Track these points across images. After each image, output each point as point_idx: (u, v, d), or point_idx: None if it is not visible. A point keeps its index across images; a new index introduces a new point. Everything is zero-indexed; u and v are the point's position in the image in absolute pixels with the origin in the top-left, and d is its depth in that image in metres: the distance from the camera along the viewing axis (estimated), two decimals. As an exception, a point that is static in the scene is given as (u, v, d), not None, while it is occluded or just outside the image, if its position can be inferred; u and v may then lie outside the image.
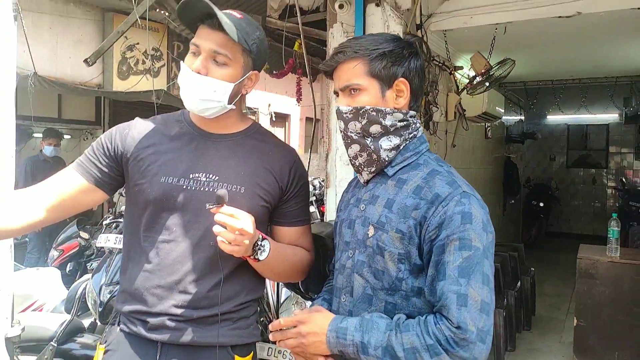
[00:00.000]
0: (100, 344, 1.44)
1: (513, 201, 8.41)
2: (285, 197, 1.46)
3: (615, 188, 9.76)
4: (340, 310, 1.33)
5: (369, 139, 1.29)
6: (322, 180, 6.70)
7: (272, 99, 10.09)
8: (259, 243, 1.31)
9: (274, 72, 4.51)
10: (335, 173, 3.46)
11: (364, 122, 1.28)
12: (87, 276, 3.05)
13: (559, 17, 3.31)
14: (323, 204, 4.67)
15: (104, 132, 6.97)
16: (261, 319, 2.39)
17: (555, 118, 10.01)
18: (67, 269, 4.41)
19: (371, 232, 1.26)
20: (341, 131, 1.33)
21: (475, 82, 4.54)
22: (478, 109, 5.09)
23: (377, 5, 3.36)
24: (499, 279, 4.32)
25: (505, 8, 3.47)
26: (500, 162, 7.84)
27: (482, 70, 4.40)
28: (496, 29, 3.93)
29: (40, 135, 6.10)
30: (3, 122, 1.65)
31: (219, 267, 1.36)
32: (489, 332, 1.11)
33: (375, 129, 1.28)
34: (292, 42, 4.27)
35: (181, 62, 1.40)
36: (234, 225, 1.20)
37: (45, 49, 6.01)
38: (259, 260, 1.32)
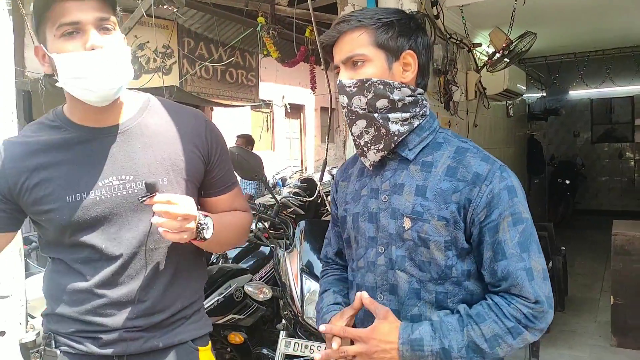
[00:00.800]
0: None
1: (538, 180, 8.22)
2: (209, 167, 1.35)
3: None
4: None
5: (376, 114, 1.19)
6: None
7: (285, 91, 10.01)
8: (201, 222, 1.20)
9: (286, 61, 4.41)
10: (354, 160, 3.35)
11: (369, 96, 1.18)
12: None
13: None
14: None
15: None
16: (285, 313, 2.32)
17: (578, 93, 9.74)
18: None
19: (408, 224, 1.17)
20: (344, 107, 1.23)
21: (495, 59, 4.39)
22: (499, 86, 4.95)
23: (390, -18, 3.24)
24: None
25: (525, -22, 3.31)
26: (523, 141, 7.64)
27: (503, 46, 4.23)
28: (515, 1, 3.76)
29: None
30: (3, 122, 1.58)
31: (163, 269, 1.29)
32: (551, 296, 1.13)
33: (382, 103, 1.18)
34: (302, 30, 4.18)
35: (53, 54, 1.14)
36: (175, 211, 1.11)
37: (56, 51, 6.00)
38: (205, 239, 1.21)
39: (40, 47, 1.17)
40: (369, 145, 1.21)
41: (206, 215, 1.23)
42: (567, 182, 8.93)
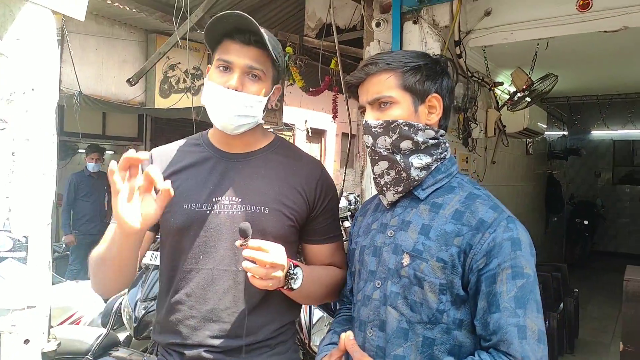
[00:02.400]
0: None
1: (556, 219, 8.15)
2: (313, 213, 1.40)
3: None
4: (367, 345, 1.23)
5: (399, 155, 1.21)
6: (358, 196, 6.66)
7: (308, 115, 10.16)
8: (291, 272, 1.23)
9: (310, 89, 4.53)
10: (370, 189, 3.43)
11: (394, 137, 1.20)
12: (124, 291, 3.11)
13: (605, 31, 3.20)
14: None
15: (145, 147, 7.18)
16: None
17: (600, 133, 9.69)
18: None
19: (406, 260, 1.17)
20: (368, 147, 1.26)
21: (516, 98, 4.44)
22: (519, 125, 4.98)
23: (415, 22, 3.35)
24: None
25: (547, 23, 3.38)
26: (542, 179, 7.62)
27: (524, 86, 4.30)
28: (538, 44, 3.84)
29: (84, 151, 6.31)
30: (44, 145, 1.70)
31: (250, 293, 1.31)
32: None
33: (406, 144, 1.20)
34: (328, 61, 4.30)
35: (206, 79, 1.36)
36: (263, 259, 1.13)
37: (92, 68, 6.24)
38: (292, 289, 1.24)
39: (208, 68, 1.37)
40: (388, 186, 1.24)
41: (297, 266, 1.25)
42: (586, 222, 8.82)
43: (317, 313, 2.19)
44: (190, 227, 1.32)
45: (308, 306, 2.23)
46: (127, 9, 4.55)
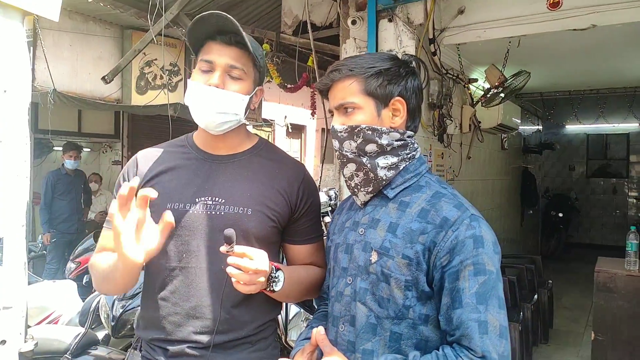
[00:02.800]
0: None
1: (531, 212, 8.31)
2: (295, 215, 1.43)
3: (636, 198, 9.58)
4: (338, 340, 1.26)
5: (365, 158, 1.24)
6: (337, 191, 6.71)
7: (287, 111, 10.16)
8: (273, 275, 1.26)
9: (287, 86, 4.55)
10: (348, 187, 3.47)
11: (359, 140, 1.23)
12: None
13: (574, 30, 3.28)
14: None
15: (122, 144, 7.07)
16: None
17: (574, 128, 9.90)
18: (84, 281, 4.46)
19: (374, 257, 1.20)
20: (336, 150, 1.29)
21: (490, 95, 4.52)
22: (494, 120, 5.06)
23: (390, 20, 3.39)
24: (515, 292, 4.27)
25: (519, 22, 3.45)
26: (517, 173, 7.76)
27: (497, 83, 4.38)
28: (510, 42, 3.92)
29: (61, 148, 6.23)
30: (17, 147, 1.69)
31: (232, 291, 1.31)
32: (508, 356, 1.09)
33: (371, 147, 1.23)
34: (305, 57, 4.32)
35: (189, 80, 1.39)
36: (248, 266, 1.16)
37: (66, 65, 6.15)
38: (274, 291, 1.28)
39: (191, 72, 1.41)
40: (359, 187, 1.27)
41: (278, 269, 1.29)
42: (561, 215, 9.02)
43: (294, 309, 2.23)
44: (175, 227, 1.31)
45: (284, 302, 2.26)
46: (102, 5, 4.50)
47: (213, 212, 1.35)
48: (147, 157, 1.46)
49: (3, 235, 1.68)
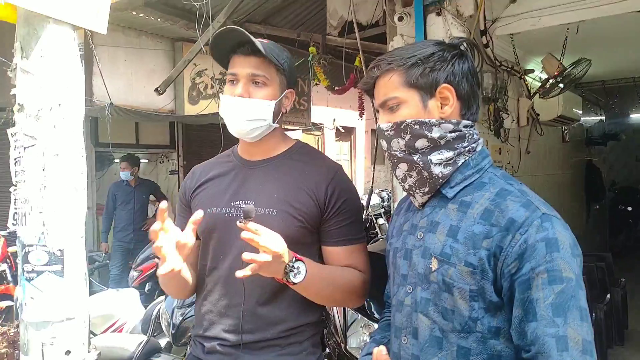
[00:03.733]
0: None
1: (598, 207, 7.89)
2: (325, 215, 1.42)
3: None
4: (402, 353, 1.18)
5: (417, 155, 1.15)
6: (390, 192, 6.62)
7: (336, 114, 10.13)
8: (291, 264, 1.25)
9: (335, 88, 4.51)
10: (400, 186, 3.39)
11: (407, 137, 1.14)
12: (163, 297, 3.15)
13: (638, 11, 3.07)
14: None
15: (177, 154, 7.25)
16: (329, 342, 2.36)
17: (639, 116, 9.34)
18: (146, 289, 4.58)
19: (434, 265, 1.11)
20: (385, 151, 1.22)
21: (548, 85, 4.32)
22: (553, 112, 4.83)
23: (438, 14, 3.29)
24: (586, 292, 4.03)
25: (576, 7, 3.27)
26: (581, 166, 7.39)
27: (555, 73, 4.17)
28: (567, 28, 3.71)
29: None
30: (74, 159, 1.73)
31: (260, 292, 1.38)
32: None
33: (421, 143, 1.14)
34: (352, 58, 4.28)
35: (220, 94, 1.48)
36: (258, 241, 1.16)
37: (122, 80, 6.37)
38: (293, 283, 1.26)
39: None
40: (414, 188, 1.18)
41: (300, 260, 1.27)
42: (629, 209, 8.54)
43: (352, 315, 2.17)
44: (213, 230, 1.45)
45: (343, 309, 2.21)
46: (152, 19, 4.63)
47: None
48: (199, 169, 1.59)
49: (63, 247, 1.72)
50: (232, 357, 1.40)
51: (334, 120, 10.15)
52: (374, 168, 4.41)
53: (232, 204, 1.44)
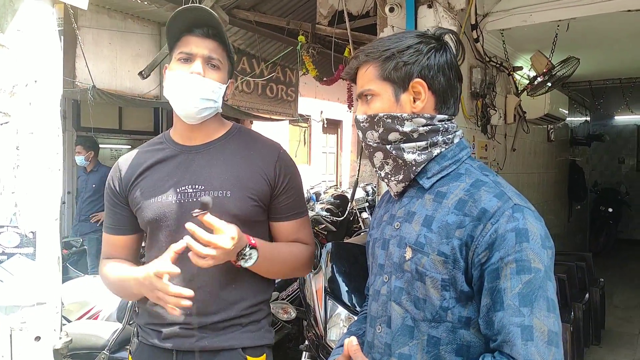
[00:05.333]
0: (129, 354, 1.53)
1: (579, 207, 7.97)
2: (274, 192, 1.47)
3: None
4: (375, 342, 1.19)
5: (389, 146, 1.16)
6: (375, 186, 6.59)
7: (324, 106, 10.08)
8: (244, 252, 1.31)
9: (324, 78, 4.46)
10: (387, 180, 3.36)
11: (380, 130, 1.15)
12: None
13: (628, 10, 3.07)
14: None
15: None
16: (309, 334, 2.33)
17: (624, 118, 9.44)
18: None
19: (409, 254, 1.11)
20: (361, 141, 1.24)
21: (536, 83, 4.31)
22: (540, 110, 4.84)
23: (429, 6, 3.24)
24: (565, 291, 4.06)
25: (568, 4, 3.26)
26: (564, 166, 7.44)
27: (544, 70, 4.17)
28: (558, 26, 3.70)
29: (102, 145, 6.27)
30: (49, 138, 1.67)
31: (220, 272, 1.38)
32: None
33: (393, 136, 1.15)
34: (342, 49, 4.23)
35: (167, 72, 1.45)
36: (202, 237, 1.20)
37: (105, 63, 6.23)
38: (242, 267, 1.33)
39: (166, 66, 1.48)
40: (389, 176, 1.19)
41: (253, 247, 1.33)
42: (610, 210, 8.64)
43: (333, 307, 2.14)
44: (161, 219, 1.42)
45: (323, 301, 2.18)
46: (138, 1, 4.52)
47: (195, 199, 1.40)
48: (127, 162, 1.53)
49: (36, 229, 1.65)
50: (195, 339, 1.40)
51: (322, 112, 10.10)
52: (359, 162, 4.38)
53: (178, 189, 1.42)
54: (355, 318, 2.05)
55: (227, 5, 3.86)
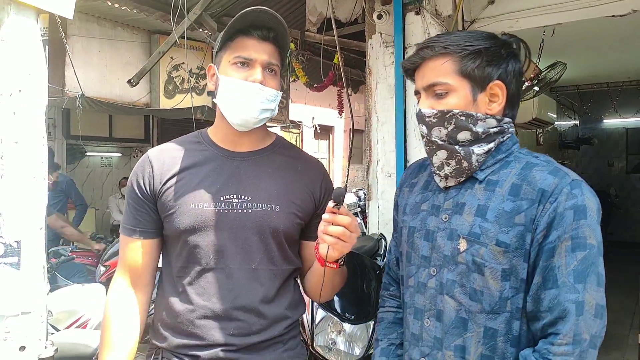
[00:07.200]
0: None
1: (569, 210, 8.01)
2: (317, 211, 1.38)
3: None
4: (424, 335, 1.17)
5: (457, 145, 1.13)
6: (366, 191, 6.60)
7: (315, 112, 10.11)
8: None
9: (314, 85, 4.48)
10: (377, 185, 3.38)
11: (450, 127, 1.12)
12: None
13: (612, 16, 3.10)
14: (367, 216, 4.58)
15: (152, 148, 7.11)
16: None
17: (612, 122, 9.53)
18: (114, 285, 4.46)
19: (463, 246, 1.10)
20: (423, 137, 1.18)
21: (523, 88, 4.36)
22: (528, 115, 4.90)
23: (417, 13, 3.28)
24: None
25: (553, 9, 3.29)
26: (553, 170, 7.49)
27: (531, 75, 4.21)
28: (544, 31, 3.75)
29: (93, 154, 6.24)
30: (34, 148, 1.66)
31: (264, 290, 1.30)
32: (601, 335, 1.02)
33: (463, 135, 1.12)
34: (331, 55, 4.25)
35: (221, 76, 1.32)
36: (354, 226, 1.15)
37: (95, 71, 6.23)
38: (341, 265, 1.27)
39: (213, 67, 1.36)
40: (449, 177, 1.17)
41: None
42: (600, 212, 8.68)
43: (320, 313, 2.14)
44: (199, 227, 1.29)
45: (311, 306, 2.18)
46: (128, 9, 4.52)
47: (240, 210, 1.30)
48: (160, 157, 1.38)
49: (20, 238, 1.64)
50: None
51: (313, 118, 10.13)
52: (348, 167, 4.39)
53: (221, 198, 1.30)
54: (344, 324, 2.06)
55: (216, 13, 3.87)
